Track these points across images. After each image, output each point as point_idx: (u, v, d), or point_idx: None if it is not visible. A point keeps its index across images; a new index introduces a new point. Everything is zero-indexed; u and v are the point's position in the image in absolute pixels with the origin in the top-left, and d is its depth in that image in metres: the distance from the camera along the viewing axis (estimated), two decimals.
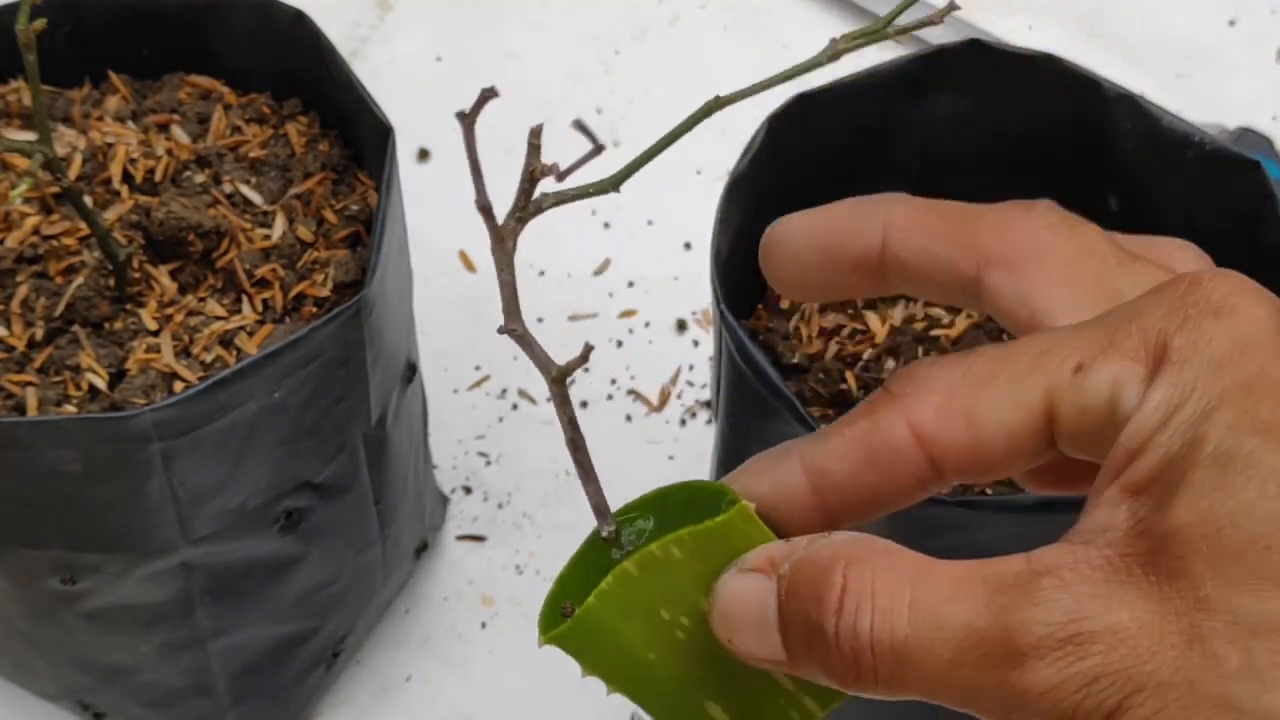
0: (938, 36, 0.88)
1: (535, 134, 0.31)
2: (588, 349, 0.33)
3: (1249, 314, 0.31)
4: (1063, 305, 0.38)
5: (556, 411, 0.34)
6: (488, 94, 0.30)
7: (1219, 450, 0.30)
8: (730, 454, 0.55)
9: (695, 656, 0.34)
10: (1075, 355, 0.33)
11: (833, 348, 0.55)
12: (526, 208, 0.32)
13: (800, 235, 0.41)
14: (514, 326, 0.32)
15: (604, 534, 0.34)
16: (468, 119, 0.31)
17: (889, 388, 0.35)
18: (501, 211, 0.31)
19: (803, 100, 0.55)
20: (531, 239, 0.80)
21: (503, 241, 0.32)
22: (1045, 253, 0.39)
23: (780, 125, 0.54)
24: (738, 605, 0.33)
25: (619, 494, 0.73)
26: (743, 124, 0.88)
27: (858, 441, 0.34)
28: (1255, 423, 0.30)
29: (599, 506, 0.34)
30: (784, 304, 0.58)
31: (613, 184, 0.33)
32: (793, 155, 0.55)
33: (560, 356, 0.87)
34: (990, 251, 0.39)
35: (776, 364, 0.55)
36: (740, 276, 0.55)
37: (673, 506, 0.35)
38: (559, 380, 0.33)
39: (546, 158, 0.28)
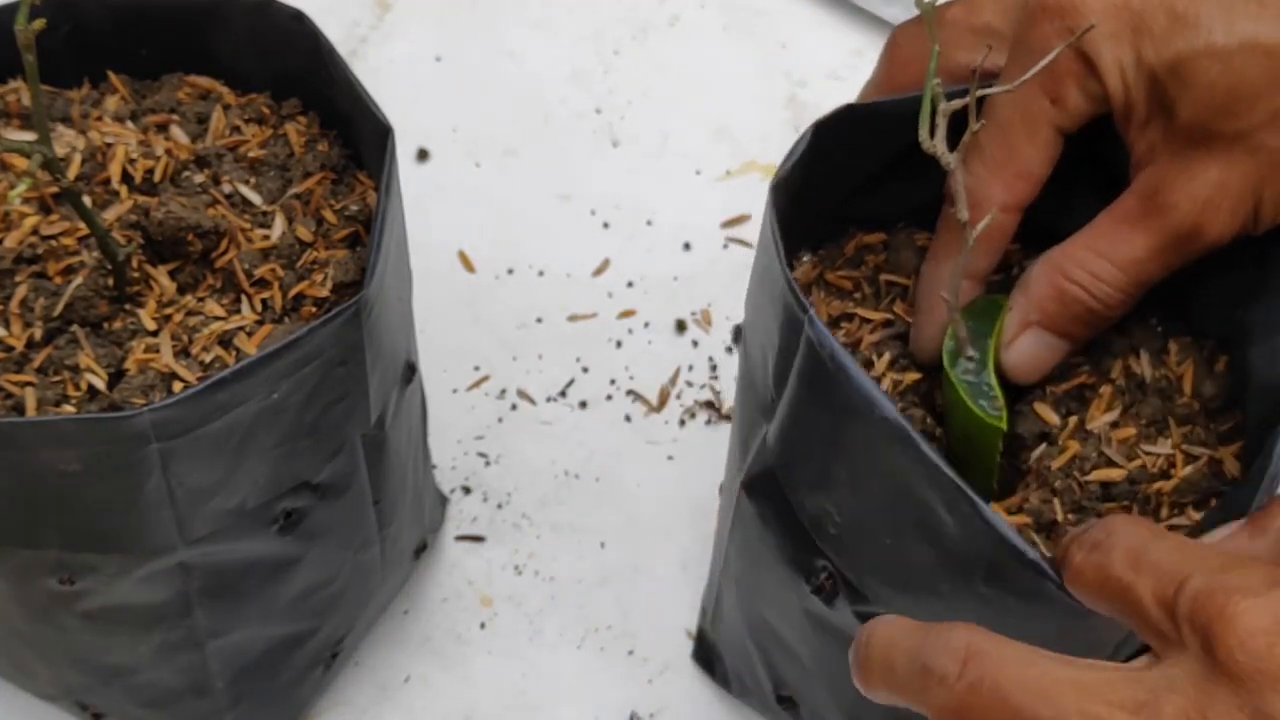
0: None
1: None
2: None
3: None
4: None
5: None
6: None
7: None
8: (786, 443, 0.53)
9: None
10: None
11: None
12: None
13: None
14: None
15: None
16: None
17: None
18: (503, 213, 0.31)
19: (850, 112, 0.54)
20: (531, 239, 0.80)
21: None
22: None
23: (826, 133, 0.53)
24: None
25: (619, 494, 0.72)
26: (742, 125, 0.88)
27: None
28: None
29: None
30: None
31: None
32: (833, 163, 0.54)
33: (560, 357, 0.86)
34: None
35: None
36: None
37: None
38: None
39: (546, 157, 0.28)
